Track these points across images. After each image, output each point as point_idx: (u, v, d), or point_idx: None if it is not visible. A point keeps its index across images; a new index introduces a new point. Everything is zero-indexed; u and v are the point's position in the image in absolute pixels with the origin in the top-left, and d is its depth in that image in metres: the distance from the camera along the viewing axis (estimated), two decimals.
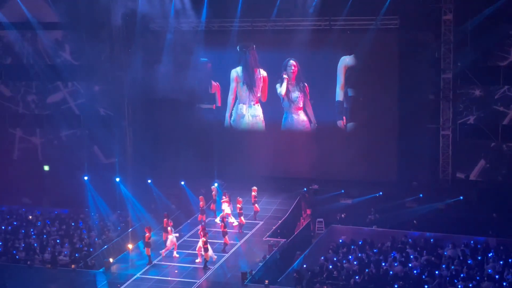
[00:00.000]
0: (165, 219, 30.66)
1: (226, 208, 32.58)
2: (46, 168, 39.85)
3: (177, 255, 29.56)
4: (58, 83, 39.19)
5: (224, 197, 32.86)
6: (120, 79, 37.55)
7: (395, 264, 27.33)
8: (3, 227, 33.66)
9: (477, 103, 33.86)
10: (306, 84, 36.10)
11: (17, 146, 40.51)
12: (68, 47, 38.58)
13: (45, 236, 32.31)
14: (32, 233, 32.77)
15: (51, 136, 40.02)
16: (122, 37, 37.10)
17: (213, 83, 37.35)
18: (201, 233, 29.03)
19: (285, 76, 36.03)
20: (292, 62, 35.89)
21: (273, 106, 36.70)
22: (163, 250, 29.73)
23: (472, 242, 29.08)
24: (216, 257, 29.07)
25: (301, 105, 36.34)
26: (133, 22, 36.47)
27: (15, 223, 34.29)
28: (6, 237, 32.38)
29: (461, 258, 27.63)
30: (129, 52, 37.17)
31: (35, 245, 31.35)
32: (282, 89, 36.30)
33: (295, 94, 36.24)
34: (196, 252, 29.23)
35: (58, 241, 31.63)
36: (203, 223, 32.24)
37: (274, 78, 36.42)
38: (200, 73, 36.97)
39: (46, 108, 39.65)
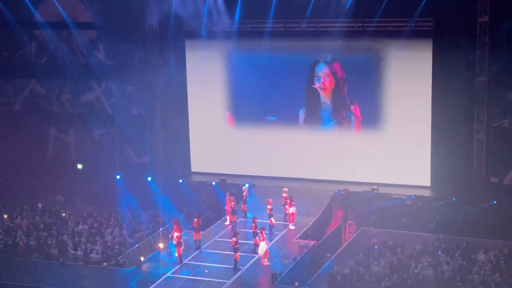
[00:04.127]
0: (195, 219, 30.78)
1: (291, 209, 32.48)
2: (79, 166, 40.27)
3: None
4: (92, 82, 39.53)
5: (290, 201, 32.60)
6: (153, 79, 37.81)
7: (426, 267, 27.09)
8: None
9: None
10: (355, 103, 35.49)
11: (51, 144, 40.98)
12: (102, 47, 38.92)
13: (75, 232, 32.67)
14: (65, 230, 33.10)
15: (84, 135, 40.41)
16: (155, 38, 37.33)
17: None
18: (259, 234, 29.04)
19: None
20: (324, 68, 35.66)
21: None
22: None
23: (505, 247, 28.69)
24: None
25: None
26: (166, 22, 36.72)
27: (48, 220, 34.65)
28: (39, 234, 32.76)
29: (494, 263, 27.28)
30: (162, 53, 37.42)
31: (68, 242, 31.65)
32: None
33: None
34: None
35: (90, 238, 31.91)
36: (233, 224, 32.44)
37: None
38: None
39: (80, 107, 40.04)
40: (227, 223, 33.09)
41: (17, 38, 39.37)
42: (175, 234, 29.44)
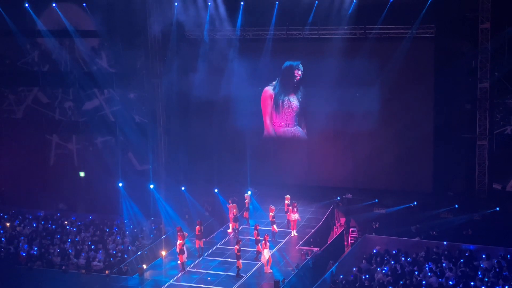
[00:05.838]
0: (198, 227, 30.76)
1: (294, 216, 32.50)
2: (82, 174, 40.28)
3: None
4: (94, 90, 39.54)
5: (293, 207, 32.62)
6: (155, 87, 37.87)
7: (429, 274, 27.04)
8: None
9: None
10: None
11: (54, 152, 40.99)
12: (104, 55, 38.98)
13: (78, 240, 32.64)
14: (67, 238, 33.08)
15: (87, 142, 40.41)
16: (157, 45, 37.39)
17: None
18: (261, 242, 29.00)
19: None
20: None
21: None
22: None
23: (508, 254, 28.63)
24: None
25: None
26: (169, 30, 36.80)
27: (50, 227, 34.64)
28: (41, 242, 32.75)
29: (497, 270, 27.22)
30: (165, 60, 37.48)
31: (70, 250, 31.66)
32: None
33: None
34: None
35: (92, 246, 31.91)
36: (236, 231, 32.41)
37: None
38: None
39: (82, 114, 40.05)
40: (230, 230, 33.08)
41: (19, 46, 39.45)
42: (178, 242, 29.42)
